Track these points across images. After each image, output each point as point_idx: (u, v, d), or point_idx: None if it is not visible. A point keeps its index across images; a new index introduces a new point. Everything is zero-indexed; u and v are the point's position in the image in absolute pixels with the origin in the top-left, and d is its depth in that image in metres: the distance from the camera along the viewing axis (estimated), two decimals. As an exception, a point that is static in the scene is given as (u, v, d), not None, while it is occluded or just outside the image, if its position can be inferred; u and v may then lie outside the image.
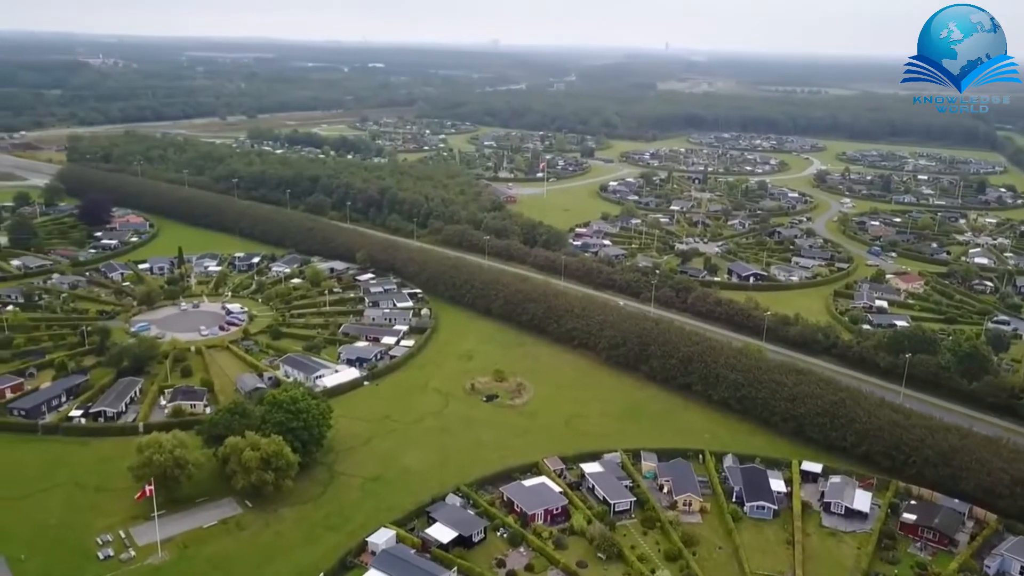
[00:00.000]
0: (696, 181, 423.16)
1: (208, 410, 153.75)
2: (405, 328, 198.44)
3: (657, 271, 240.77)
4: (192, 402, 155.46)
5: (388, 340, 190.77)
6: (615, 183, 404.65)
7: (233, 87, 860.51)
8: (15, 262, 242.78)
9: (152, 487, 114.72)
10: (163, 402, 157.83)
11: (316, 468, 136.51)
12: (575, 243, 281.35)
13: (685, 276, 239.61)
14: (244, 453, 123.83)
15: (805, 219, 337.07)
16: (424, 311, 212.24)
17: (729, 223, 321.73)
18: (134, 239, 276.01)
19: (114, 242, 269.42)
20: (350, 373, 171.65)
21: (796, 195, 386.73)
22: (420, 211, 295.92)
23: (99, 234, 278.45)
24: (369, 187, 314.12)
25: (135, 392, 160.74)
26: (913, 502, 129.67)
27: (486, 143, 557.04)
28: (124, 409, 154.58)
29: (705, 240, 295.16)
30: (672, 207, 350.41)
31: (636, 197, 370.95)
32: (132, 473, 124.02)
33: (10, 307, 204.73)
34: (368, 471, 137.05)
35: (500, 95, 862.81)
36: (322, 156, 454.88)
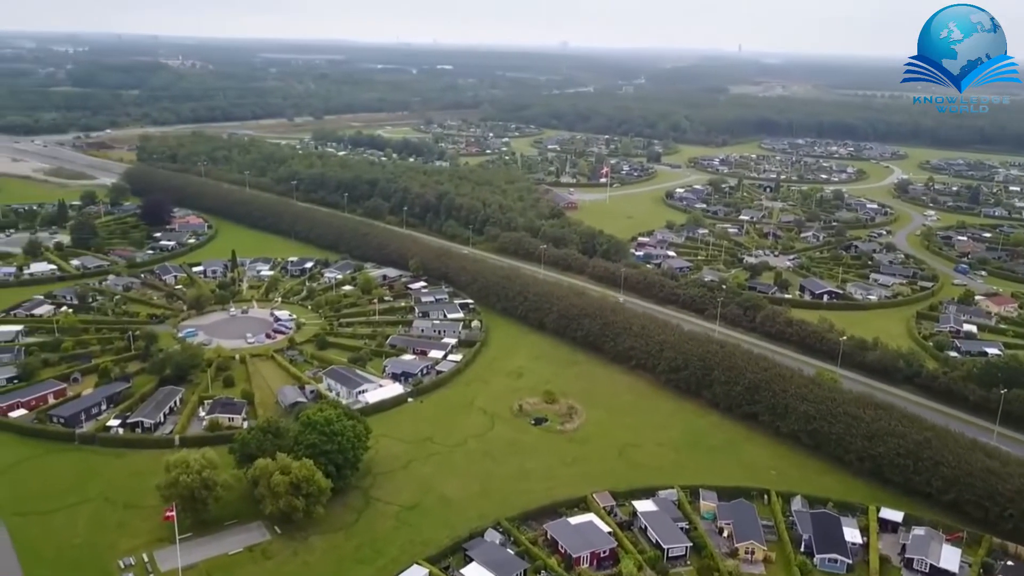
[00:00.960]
0: (768, 189, 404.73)
1: (246, 424, 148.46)
2: (454, 341, 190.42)
3: (723, 286, 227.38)
4: (230, 415, 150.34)
5: (435, 354, 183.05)
6: (682, 190, 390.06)
7: (302, 88, 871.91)
8: (75, 262, 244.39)
9: (174, 512, 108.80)
10: (202, 413, 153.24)
11: (350, 493, 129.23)
12: (637, 253, 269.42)
13: (753, 292, 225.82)
14: (273, 477, 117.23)
15: (885, 232, 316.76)
16: (475, 323, 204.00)
17: (802, 235, 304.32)
18: (191, 240, 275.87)
19: (172, 243, 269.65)
20: (394, 389, 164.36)
21: (875, 206, 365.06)
22: (477, 217, 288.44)
23: (158, 235, 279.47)
24: (427, 192, 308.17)
25: (175, 402, 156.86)
26: (1010, 563, 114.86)
27: (550, 147, 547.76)
28: (162, 420, 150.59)
29: (776, 253, 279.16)
30: (742, 217, 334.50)
31: (703, 205, 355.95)
32: (160, 493, 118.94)
33: (64, 308, 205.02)
34: (405, 498, 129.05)
35: (566, 98, 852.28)
36: (384, 159, 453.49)
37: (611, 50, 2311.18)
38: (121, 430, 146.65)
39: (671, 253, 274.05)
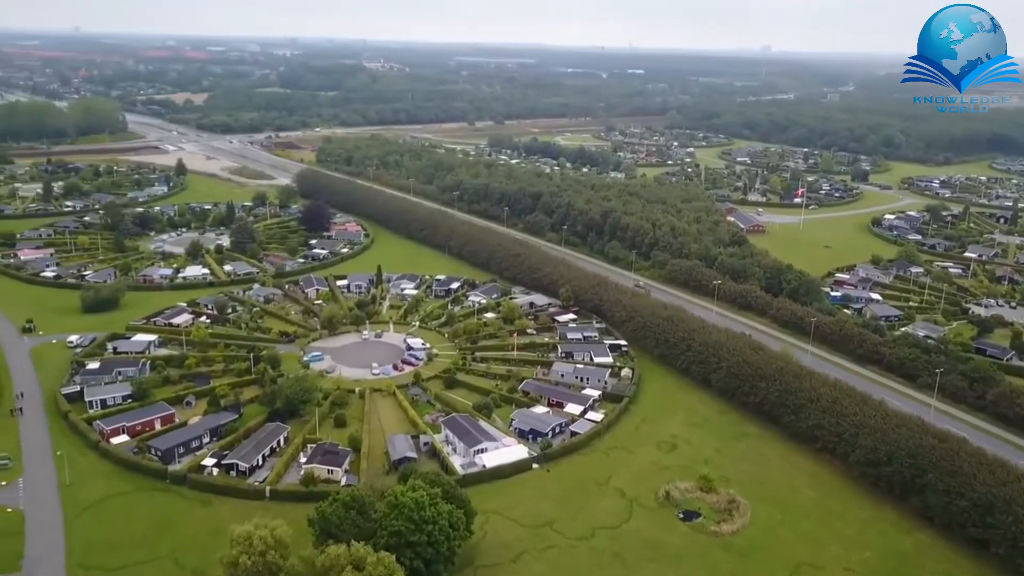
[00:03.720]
0: (1002, 220, 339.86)
1: (344, 480, 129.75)
2: (597, 394, 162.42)
3: (943, 346, 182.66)
4: (330, 467, 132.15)
5: (573, 408, 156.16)
6: (892, 216, 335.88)
7: (488, 92, 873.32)
8: (227, 267, 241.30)
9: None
10: (302, 459, 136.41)
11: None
12: (833, 294, 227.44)
13: (983, 358, 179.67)
14: (344, 573, 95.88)
15: None
16: (625, 371, 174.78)
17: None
18: (345, 250, 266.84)
19: (324, 252, 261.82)
20: (517, 451, 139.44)
21: None
22: (644, 240, 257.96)
23: (314, 242, 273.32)
24: (591, 208, 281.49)
25: (279, 442, 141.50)
26: None
27: (739, 159, 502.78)
28: (260, 463, 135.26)
29: (1013, 304, 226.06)
30: (968, 254, 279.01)
31: (918, 237, 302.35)
32: (224, 571, 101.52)
33: (202, 318, 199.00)
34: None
35: (762, 105, 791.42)
36: (556, 168, 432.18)
37: (817, 55, 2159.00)
38: (216, 470, 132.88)
39: (876, 296, 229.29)
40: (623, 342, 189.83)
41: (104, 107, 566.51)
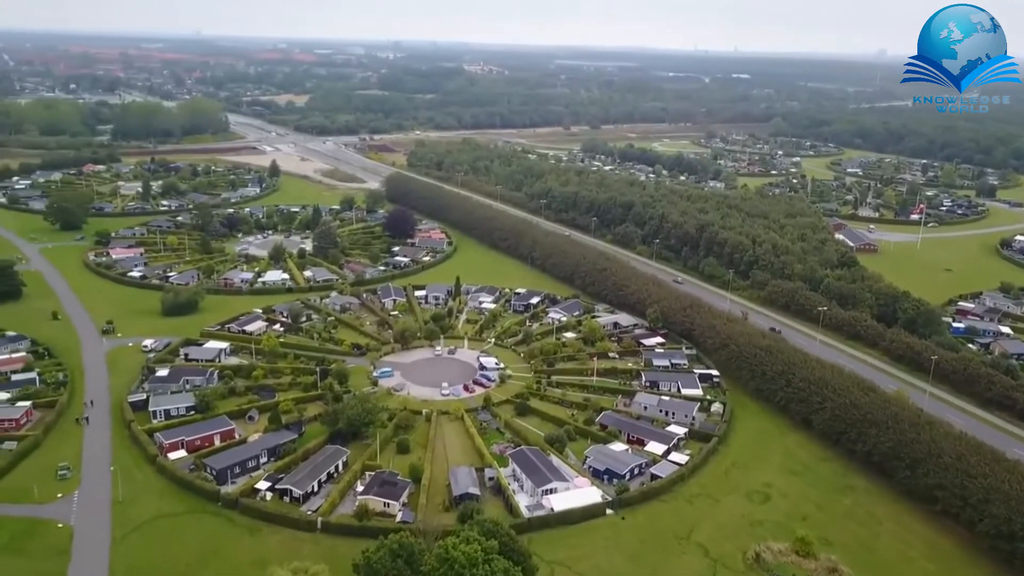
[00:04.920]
0: None
1: (401, 515, 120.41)
2: (683, 432, 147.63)
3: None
4: (387, 500, 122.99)
5: (655, 447, 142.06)
6: (1023, 237, 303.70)
7: (585, 96, 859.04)
8: (307, 272, 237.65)
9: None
10: (359, 488, 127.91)
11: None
12: (956, 325, 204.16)
13: None
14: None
15: None
16: (715, 406, 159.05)
17: None
18: (426, 258, 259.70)
19: (406, 259, 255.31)
20: (590, 494, 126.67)
21: None
22: (743, 257, 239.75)
23: (396, 249, 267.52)
24: (686, 221, 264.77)
25: (337, 466, 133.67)
26: None
27: (849, 170, 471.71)
28: (315, 489, 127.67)
29: None
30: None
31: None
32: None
33: (276, 326, 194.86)
34: None
35: (876, 113, 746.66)
36: (651, 175, 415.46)
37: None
38: (269, 495, 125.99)
39: (1006, 329, 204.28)
40: (715, 372, 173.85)
41: (209, 108, 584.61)
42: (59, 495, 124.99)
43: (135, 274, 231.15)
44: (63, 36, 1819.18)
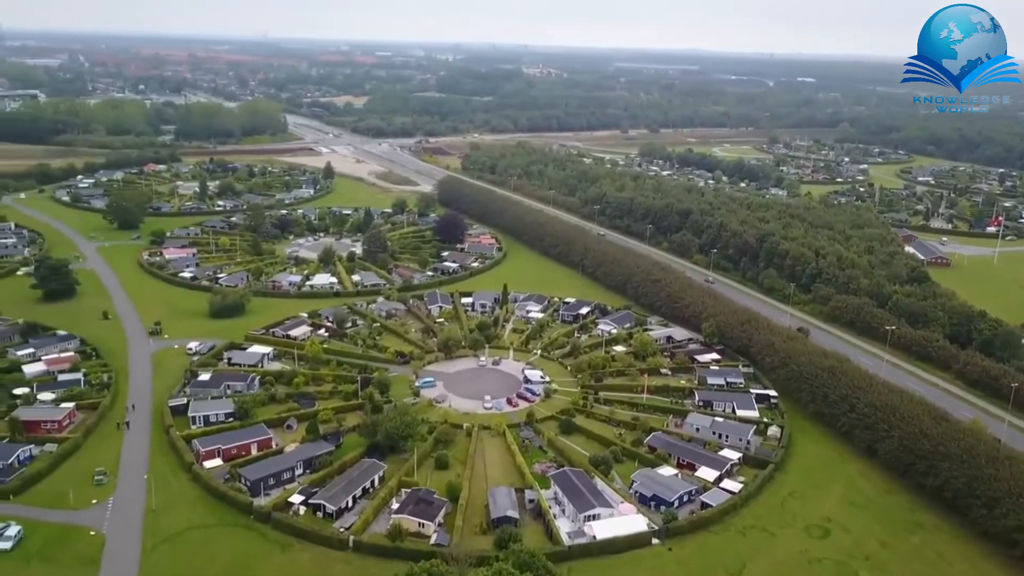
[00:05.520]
0: None
1: (436, 535, 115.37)
2: (737, 457, 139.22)
3: None
4: (422, 520, 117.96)
5: (706, 472, 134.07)
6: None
7: (645, 99, 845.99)
8: (355, 277, 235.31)
9: None
10: (394, 506, 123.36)
11: None
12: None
13: None
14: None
15: None
16: (772, 430, 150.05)
17: None
18: (475, 264, 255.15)
19: (455, 265, 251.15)
20: (635, 522, 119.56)
21: None
22: (805, 270, 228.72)
23: (445, 254, 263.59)
24: (746, 231, 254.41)
25: (373, 481, 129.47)
26: None
27: (920, 178, 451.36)
28: (349, 505, 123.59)
29: None
30: None
31: None
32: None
33: (321, 331, 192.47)
34: None
35: (949, 119, 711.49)
36: (711, 182, 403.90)
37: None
38: (303, 509, 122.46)
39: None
40: (772, 393, 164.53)
41: (268, 108, 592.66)
42: (94, 501, 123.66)
43: (186, 275, 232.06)
44: (136, 38, 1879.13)
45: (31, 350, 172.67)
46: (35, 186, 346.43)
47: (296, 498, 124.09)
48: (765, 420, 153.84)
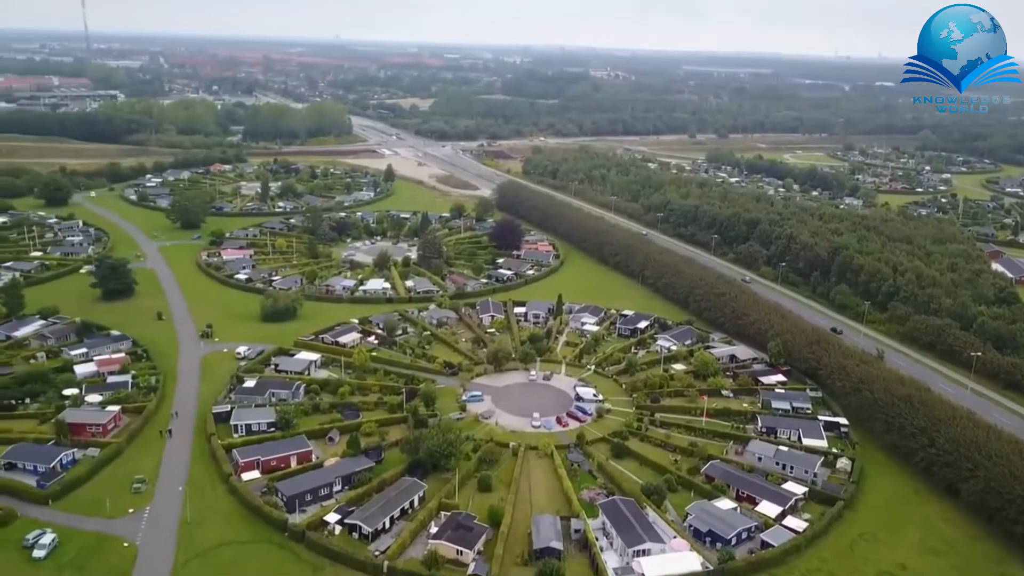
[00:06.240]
0: None
1: (474, 565, 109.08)
2: (802, 492, 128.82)
3: None
4: (460, 547, 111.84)
5: (768, 508, 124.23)
6: None
7: (715, 103, 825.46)
8: (409, 282, 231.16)
9: None
10: (432, 529, 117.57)
11: None
12: None
13: None
14: None
15: None
16: (842, 462, 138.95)
17: None
18: (531, 272, 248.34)
19: (510, 273, 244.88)
20: (688, 560, 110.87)
21: None
22: (881, 287, 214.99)
23: (501, 261, 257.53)
24: (817, 243, 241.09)
25: (412, 502, 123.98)
26: None
27: (1008, 189, 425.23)
28: (386, 527, 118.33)
29: None
30: None
31: None
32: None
33: (371, 338, 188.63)
34: None
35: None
36: (781, 190, 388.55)
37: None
38: (339, 528, 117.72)
39: None
40: (843, 421, 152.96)
41: (333, 110, 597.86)
42: (130, 510, 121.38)
43: (241, 276, 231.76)
44: (214, 40, 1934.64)
45: (84, 350, 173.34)
46: (106, 184, 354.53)
47: (332, 517, 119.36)
48: (834, 451, 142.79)
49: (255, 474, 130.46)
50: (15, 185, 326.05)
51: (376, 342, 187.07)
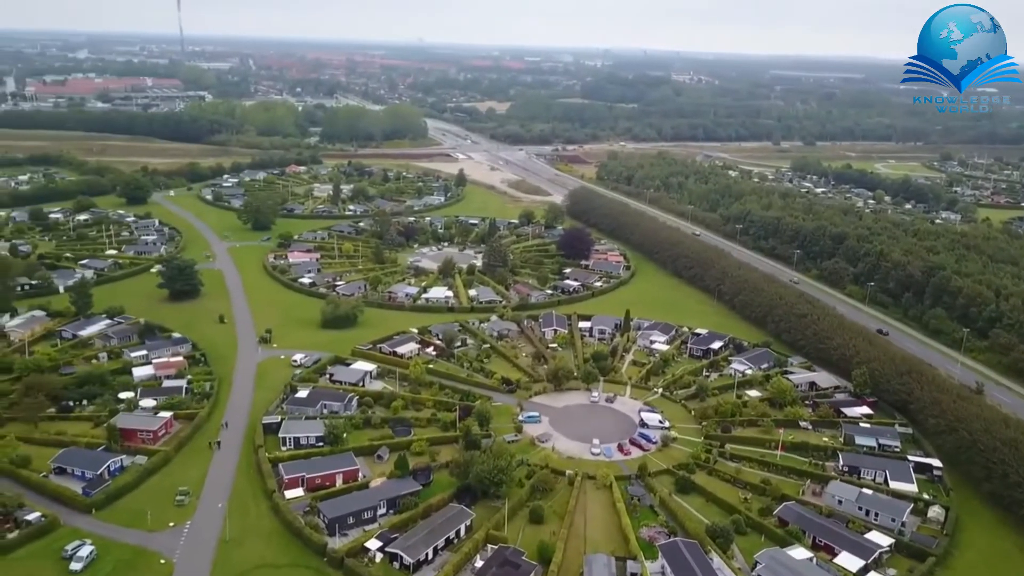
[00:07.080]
0: None
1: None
2: (888, 544, 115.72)
3: None
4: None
5: (848, 561, 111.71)
6: None
7: (802, 109, 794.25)
8: (471, 291, 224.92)
9: None
10: (478, 564, 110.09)
11: None
12: None
13: None
14: None
15: None
16: (935, 510, 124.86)
17: None
18: (598, 283, 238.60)
19: (576, 284, 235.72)
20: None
21: None
22: (982, 312, 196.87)
23: (567, 271, 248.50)
24: (910, 262, 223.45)
25: (458, 531, 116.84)
26: None
27: None
28: (428, 558, 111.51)
29: None
30: None
31: None
32: None
33: (430, 349, 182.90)
34: None
35: None
36: (871, 202, 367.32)
37: None
38: (380, 555, 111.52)
39: None
40: (936, 463, 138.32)
41: (409, 113, 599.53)
42: (171, 524, 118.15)
43: (305, 280, 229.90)
44: (301, 43, 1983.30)
45: (144, 352, 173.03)
46: (184, 184, 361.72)
47: (373, 543, 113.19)
48: (925, 497, 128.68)
49: (299, 491, 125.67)
50: (99, 183, 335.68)
51: (434, 353, 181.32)
